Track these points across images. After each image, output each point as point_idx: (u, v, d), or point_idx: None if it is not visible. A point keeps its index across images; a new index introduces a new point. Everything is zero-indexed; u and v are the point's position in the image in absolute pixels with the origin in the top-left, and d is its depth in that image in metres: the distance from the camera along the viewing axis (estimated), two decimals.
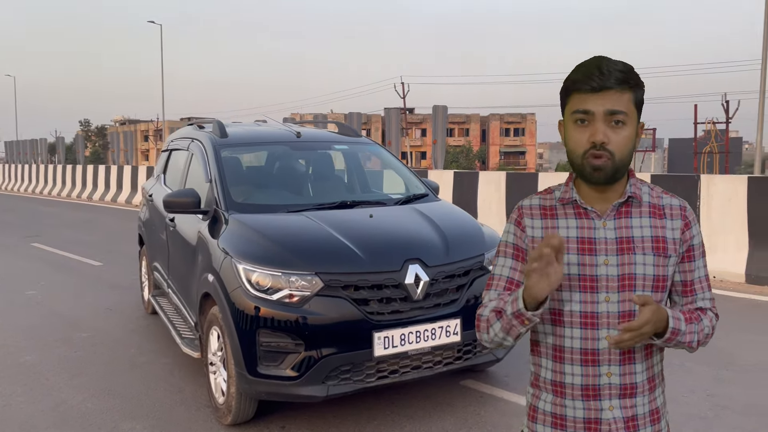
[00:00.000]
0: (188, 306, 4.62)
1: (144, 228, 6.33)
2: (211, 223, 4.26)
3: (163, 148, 6.64)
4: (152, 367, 4.95)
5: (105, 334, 5.85)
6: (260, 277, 3.55)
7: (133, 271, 8.62)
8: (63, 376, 4.78)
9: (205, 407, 4.14)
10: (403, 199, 4.66)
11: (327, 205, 4.37)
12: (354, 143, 5.36)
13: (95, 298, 7.23)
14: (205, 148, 4.84)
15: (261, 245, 3.73)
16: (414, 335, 3.63)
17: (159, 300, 5.82)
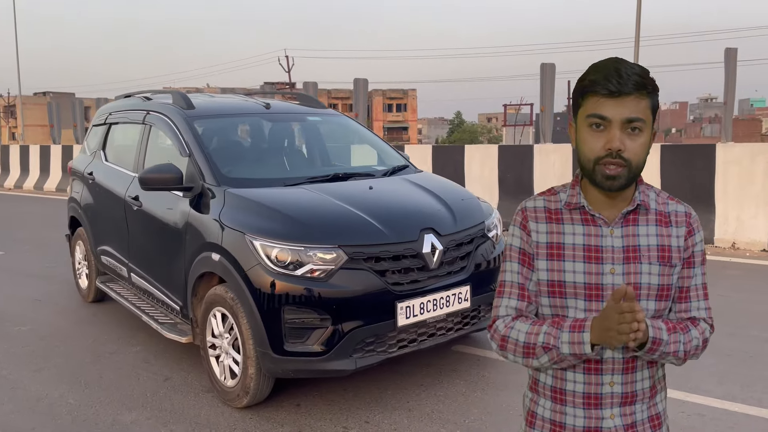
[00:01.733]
0: (168, 290, 4.34)
1: (82, 210, 5.82)
2: (198, 199, 4.02)
3: (95, 123, 6.12)
4: (122, 356, 4.62)
5: (48, 326, 5.37)
6: (281, 252, 3.42)
7: (44, 259, 7.97)
8: (24, 372, 4.36)
9: (204, 392, 3.96)
10: (389, 170, 4.65)
11: (320, 177, 4.27)
12: (324, 115, 5.25)
13: (13, 290, 6.58)
14: (173, 120, 4.53)
15: (277, 220, 3.59)
16: (431, 303, 3.67)
17: (111, 286, 5.43)
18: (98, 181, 5.49)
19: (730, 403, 3.60)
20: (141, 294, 4.90)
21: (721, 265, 6.86)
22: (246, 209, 3.72)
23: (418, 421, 3.52)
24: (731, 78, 7.94)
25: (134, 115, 5.22)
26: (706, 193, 7.91)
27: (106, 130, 5.79)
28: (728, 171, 7.79)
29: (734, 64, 7.87)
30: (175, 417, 3.65)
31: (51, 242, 9.16)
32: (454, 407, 3.68)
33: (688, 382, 3.80)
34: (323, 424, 3.51)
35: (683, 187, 8.03)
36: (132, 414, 3.71)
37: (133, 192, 4.75)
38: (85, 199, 5.75)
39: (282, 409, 3.70)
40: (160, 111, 4.78)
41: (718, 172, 7.85)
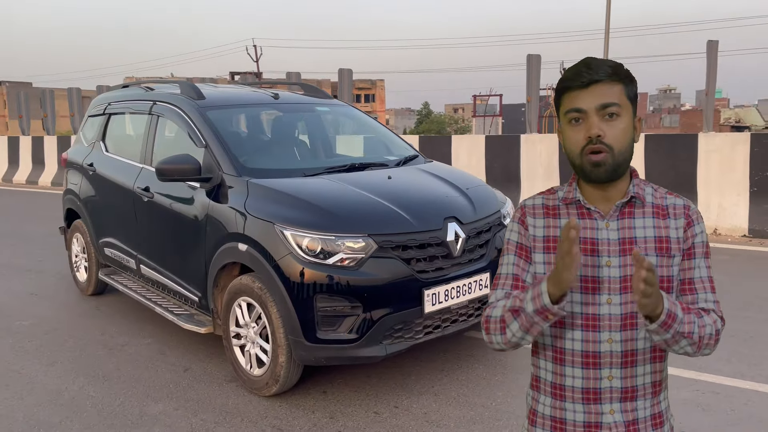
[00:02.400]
0: (185, 281, 4.33)
1: (81, 202, 5.73)
2: (217, 190, 4.02)
3: (92, 113, 6.02)
4: (135, 348, 4.60)
5: (51, 320, 5.30)
6: (311, 242, 3.46)
7: (30, 253, 7.83)
8: (37, 366, 4.31)
9: (228, 382, 3.98)
10: (402, 160, 4.70)
11: (338, 167, 4.30)
12: (332, 105, 5.27)
13: (5, 284, 6.45)
14: (185, 111, 4.50)
15: (306, 210, 3.61)
16: (455, 290, 3.75)
17: (116, 279, 5.37)
18: (100, 173, 5.42)
19: (740, 381, 3.77)
20: (151, 286, 4.87)
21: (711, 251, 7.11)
22: (273, 199, 3.73)
23: (446, 405, 3.61)
24: (713, 69, 8.20)
25: (138, 106, 5.16)
26: (688, 181, 8.16)
27: (105, 121, 5.70)
28: (710, 159, 8.06)
29: (716, 55, 8.12)
30: (202, 406, 3.67)
31: (35, 235, 8.99)
32: (478, 390, 3.78)
33: (696, 361, 3.96)
34: (353, 410, 3.58)
35: (667, 175, 8.27)
36: (158, 405, 3.71)
37: (142, 183, 4.71)
38: (85, 191, 5.66)
39: (309, 397, 3.75)
40: (168, 101, 4.74)
41: (701, 160, 8.11)
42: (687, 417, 3.38)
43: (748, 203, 7.80)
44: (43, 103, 16.24)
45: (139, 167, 4.89)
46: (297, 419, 3.49)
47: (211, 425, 3.46)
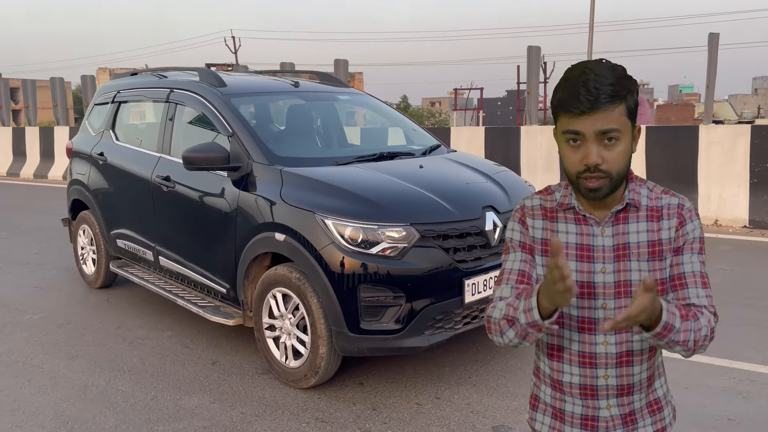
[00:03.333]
0: (210, 272, 4.24)
1: (91, 193, 5.58)
2: (247, 179, 3.93)
3: (99, 102, 5.87)
4: (155, 341, 4.50)
5: (62, 313, 5.16)
6: (354, 231, 3.40)
7: (26, 245, 7.65)
8: (56, 361, 4.18)
9: (260, 374, 3.90)
10: (427, 149, 4.66)
11: (367, 156, 4.24)
12: (351, 93, 5.20)
13: (6, 277, 6.28)
14: (208, 99, 4.40)
15: (347, 198, 3.55)
16: (492, 280, 3.72)
17: (130, 271, 5.25)
18: (112, 162, 5.27)
19: None
20: (170, 277, 4.76)
21: (710, 242, 7.19)
22: (311, 188, 3.66)
23: (487, 396, 3.58)
24: (713, 62, 8.28)
25: (154, 93, 5.04)
26: (689, 173, 8.25)
27: (114, 109, 5.55)
28: (711, 151, 8.15)
29: (716, 48, 8.21)
30: (239, 399, 3.60)
31: (27, 228, 8.78)
32: (516, 381, 3.76)
33: (727, 350, 4.00)
34: (395, 402, 3.53)
35: (668, 167, 8.35)
36: (193, 398, 3.63)
37: (162, 172, 4.59)
38: (95, 181, 5.51)
39: (347, 389, 3.70)
40: (188, 89, 4.63)
41: (701, 152, 8.19)
42: (730, 404, 3.41)
43: (749, 194, 7.90)
44: (25, 94, 15.85)
45: (156, 156, 4.77)
46: (339, 411, 3.44)
47: (252, 418, 3.39)
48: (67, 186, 6.12)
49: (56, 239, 8.01)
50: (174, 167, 4.52)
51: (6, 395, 3.72)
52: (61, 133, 14.59)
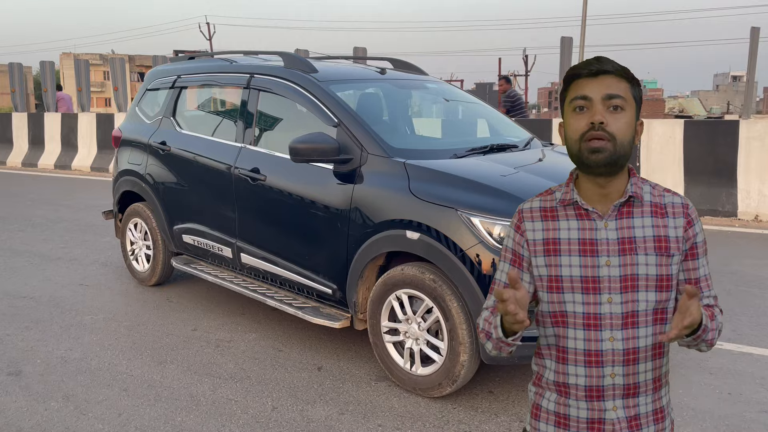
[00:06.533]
0: (313, 272, 3.95)
1: (150, 185, 5.20)
2: (360, 173, 3.66)
3: (151, 87, 5.50)
4: (243, 344, 4.20)
5: (125, 314, 4.81)
6: (504, 229, 3.17)
7: (48, 239, 7.22)
8: (145, 368, 3.86)
9: (376, 381, 3.66)
10: (526, 141, 4.43)
11: (479, 148, 4.00)
12: (435, 82, 4.94)
13: (44, 273, 5.87)
14: (304, 86, 4.10)
15: (487, 194, 3.28)
16: None
17: (197, 268, 4.92)
18: (177, 153, 4.92)
19: None
20: (253, 276, 4.45)
21: (751, 237, 7.17)
22: (445, 182, 3.40)
23: None
24: (753, 56, 8.25)
25: (228, 79, 4.71)
26: (728, 168, 8.22)
27: (175, 95, 5.19)
28: (750, 146, 8.12)
29: (757, 42, 8.18)
30: (369, 410, 3.34)
31: (41, 220, 8.32)
32: None
33: (751, 338, 3.92)
34: None
35: (706, 161, 8.31)
36: (316, 408, 3.36)
37: (247, 164, 4.28)
38: (156, 173, 5.14)
39: (479, 397, 3.48)
40: (275, 75, 4.32)
41: (741, 147, 8.16)
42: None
43: None
44: None
45: (236, 147, 4.45)
46: (484, 423, 3.22)
47: (393, 431, 3.15)
48: (113, 177, 5.73)
49: (75, 232, 7.61)
50: (263, 159, 4.22)
51: (107, 407, 3.40)
52: (20, 119, 14.46)
